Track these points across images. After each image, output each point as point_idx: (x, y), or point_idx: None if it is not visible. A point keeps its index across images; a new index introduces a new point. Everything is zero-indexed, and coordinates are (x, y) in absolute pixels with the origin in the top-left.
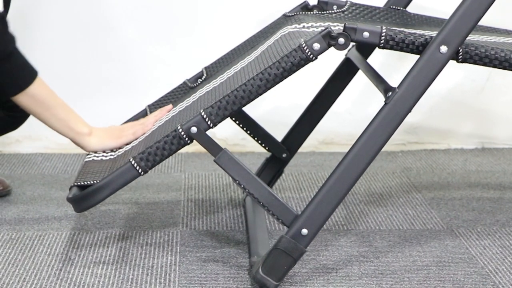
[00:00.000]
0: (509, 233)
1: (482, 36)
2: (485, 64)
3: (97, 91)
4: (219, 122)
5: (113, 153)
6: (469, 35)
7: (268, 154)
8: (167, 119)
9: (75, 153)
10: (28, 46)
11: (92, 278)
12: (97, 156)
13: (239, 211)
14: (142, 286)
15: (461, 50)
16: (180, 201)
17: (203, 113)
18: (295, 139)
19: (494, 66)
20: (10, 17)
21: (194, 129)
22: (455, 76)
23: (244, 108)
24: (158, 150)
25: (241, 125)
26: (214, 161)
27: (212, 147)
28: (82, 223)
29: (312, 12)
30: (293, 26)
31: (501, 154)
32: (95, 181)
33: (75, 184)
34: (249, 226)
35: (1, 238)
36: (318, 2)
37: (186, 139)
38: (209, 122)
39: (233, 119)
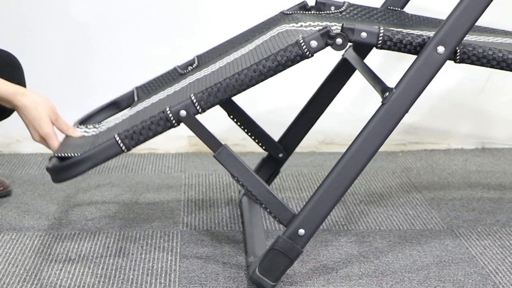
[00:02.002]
0: (509, 233)
1: (480, 37)
2: (482, 65)
3: (97, 91)
4: (208, 108)
5: (95, 129)
6: (467, 35)
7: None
8: (153, 102)
9: None
10: (29, 46)
11: (93, 278)
12: (80, 132)
13: (239, 211)
14: (142, 286)
15: (458, 51)
16: (180, 201)
17: (193, 98)
18: (292, 139)
19: (492, 67)
20: (11, 17)
21: (183, 113)
22: (455, 76)
23: (242, 107)
24: (143, 130)
25: (238, 123)
26: (214, 156)
27: (212, 142)
28: (83, 223)
29: (310, 12)
30: (291, 25)
31: (501, 154)
32: (75, 154)
33: (55, 155)
34: (245, 226)
35: (1, 238)
36: (316, 2)
37: (174, 121)
38: (198, 107)
39: (231, 116)
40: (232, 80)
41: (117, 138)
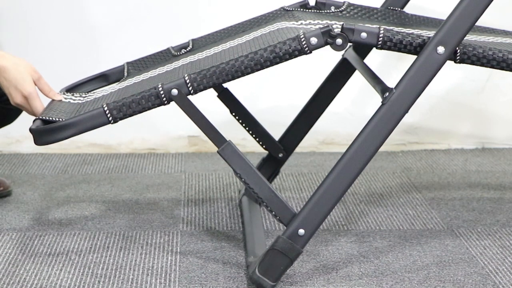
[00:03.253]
0: (509, 233)
1: (480, 37)
2: (482, 65)
3: None
4: (200, 90)
5: (81, 98)
6: (467, 35)
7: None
8: (144, 78)
9: (75, 153)
10: (31, 46)
11: (93, 278)
12: (65, 98)
13: (239, 211)
14: (142, 286)
15: (458, 51)
16: (180, 201)
17: (186, 78)
18: (292, 139)
19: (492, 67)
20: (12, 17)
21: (174, 91)
22: (455, 76)
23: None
24: (132, 103)
25: (240, 121)
26: (218, 152)
27: (216, 137)
28: (83, 223)
29: (310, 11)
30: (291, 22)
31: (501, 154)
32: (60, 119)
33: (40, 117)
34: (245, 226)
35: (1, 238)
36: (316, 2)
37: (164, 99)
38: (190, 88)
39: (233, 113)
40: (227, 65)
41: (105, 108)
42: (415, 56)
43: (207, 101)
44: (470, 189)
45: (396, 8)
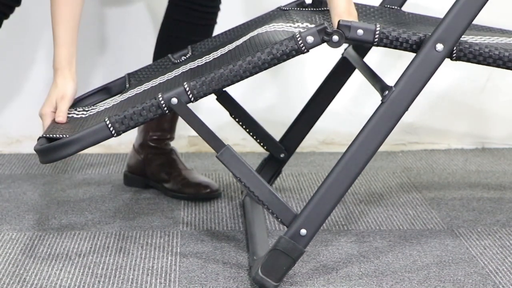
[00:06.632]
0: (509, 233)
1: (476, 37)
2: (479, 62)
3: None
4: (200, 97)
5: (84, 112)
6: (464, 35)
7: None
8: (145, 89)
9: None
10: (32, 45)
11: (93, 279)
12: (68, 114)
13: (240, 211)
14: (142, 286)
15: (455, 48)
16: (180, 201)
17: (186, 86)
18: (293, 139)
19: (488, 64)
20: (11, 16)
21: (174, 100)
22: (455, 76)
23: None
24: (134, 115)
25: (240, 123)
26: (217, 157)
27: (215, 142)
28: (83, 223)
29: (307, 9)
30: (288, 24)
31: (501, 154)
32: (64, 136)
33: (44, 135)
34: (248, 226)
35: (1, 238)
36: (313, 1)
37: (165, 108)
38: (190, 96)
39: (233, 116)
40: (226, 70)
41: (107, 122)
42: (413, 55)
43: (208, 100)
44: (470, 189)
45: (394, 7)
